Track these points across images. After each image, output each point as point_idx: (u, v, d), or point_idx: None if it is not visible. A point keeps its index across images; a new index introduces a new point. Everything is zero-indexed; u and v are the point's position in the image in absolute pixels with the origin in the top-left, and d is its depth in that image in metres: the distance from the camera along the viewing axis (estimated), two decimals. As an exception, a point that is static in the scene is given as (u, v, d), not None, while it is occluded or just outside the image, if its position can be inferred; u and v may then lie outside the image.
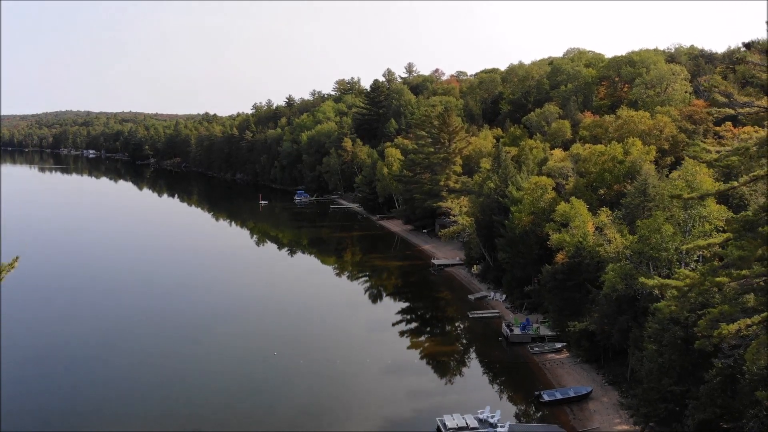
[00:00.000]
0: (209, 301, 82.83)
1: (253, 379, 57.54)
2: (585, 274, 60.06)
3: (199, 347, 65.68)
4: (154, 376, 59.58)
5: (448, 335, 71.59)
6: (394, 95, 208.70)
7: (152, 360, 63.25)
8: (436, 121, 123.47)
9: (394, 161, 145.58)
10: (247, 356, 62.71)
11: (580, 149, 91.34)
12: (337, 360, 61.84)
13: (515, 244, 76.69)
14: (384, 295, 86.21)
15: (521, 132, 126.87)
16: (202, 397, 54.35)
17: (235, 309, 79.36)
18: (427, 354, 65.03)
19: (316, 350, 64.70)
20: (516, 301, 76.28)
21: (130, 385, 57.52)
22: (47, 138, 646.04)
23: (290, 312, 77.41)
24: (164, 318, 76.88)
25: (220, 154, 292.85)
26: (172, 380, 58.46)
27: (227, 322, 73.69)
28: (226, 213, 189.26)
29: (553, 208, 74.93)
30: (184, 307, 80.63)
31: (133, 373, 60.17)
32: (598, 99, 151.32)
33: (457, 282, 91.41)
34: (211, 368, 60.07)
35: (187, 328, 72.21)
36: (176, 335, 70.80)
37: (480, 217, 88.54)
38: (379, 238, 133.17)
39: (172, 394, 55.58)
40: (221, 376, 58.19)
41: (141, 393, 55.95)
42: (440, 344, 68.51)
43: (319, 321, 74.68)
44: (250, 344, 66.09)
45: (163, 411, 52.27)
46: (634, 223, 52.26)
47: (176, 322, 75.02)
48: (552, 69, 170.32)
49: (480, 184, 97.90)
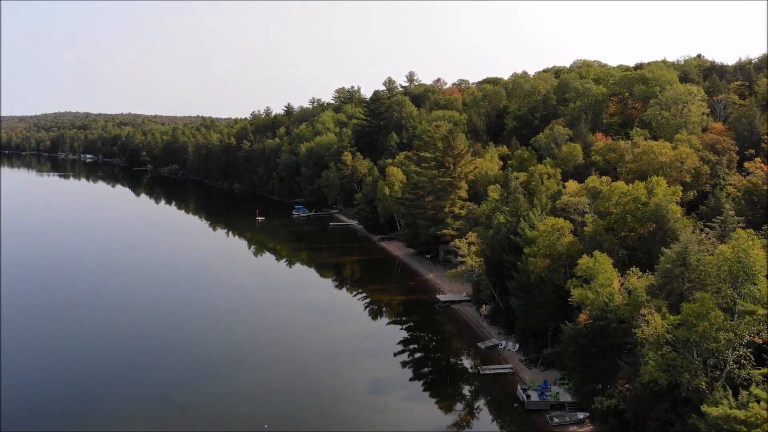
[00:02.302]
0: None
1: None
2: (611, 340, 54.30)
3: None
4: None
5: (458, 397, 65.36)
6: (395, 107, 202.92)
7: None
8: (440, 144, 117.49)
9: (396, 181, 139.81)
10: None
11: (597, 182, 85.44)
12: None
13: (529, 290, 70.91)
14: (385, 343, 79.41)
15: (530, 155, 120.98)
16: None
17: (219, 359, 73.52)
18: (435, 423, 59.05)
19: (312, 418, 58.96)
20: (531, 353, 70.39)
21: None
22: (45, 141, 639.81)
23: (281, 369, 71.13)
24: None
25: (218, 163, 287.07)
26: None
27: (214, 377, 67.95)
28: (222, 229, 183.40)
29: (571, 252, 69.39)
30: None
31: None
32: (608, 116, 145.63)
33: (464, 324, 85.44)
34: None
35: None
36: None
37: (489, 255, 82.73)
38: (379, 263, 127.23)
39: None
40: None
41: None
42: (449, 409, 62.29)
43: (315, 377, 68.64)
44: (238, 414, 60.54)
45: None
46: (673, 295, 46.52)
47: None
48: (559, 84, 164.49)
49: (488, 215, 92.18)
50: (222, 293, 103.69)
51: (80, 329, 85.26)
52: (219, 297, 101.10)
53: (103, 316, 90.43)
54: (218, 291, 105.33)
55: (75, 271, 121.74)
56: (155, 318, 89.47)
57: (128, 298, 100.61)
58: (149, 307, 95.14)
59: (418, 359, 75.50)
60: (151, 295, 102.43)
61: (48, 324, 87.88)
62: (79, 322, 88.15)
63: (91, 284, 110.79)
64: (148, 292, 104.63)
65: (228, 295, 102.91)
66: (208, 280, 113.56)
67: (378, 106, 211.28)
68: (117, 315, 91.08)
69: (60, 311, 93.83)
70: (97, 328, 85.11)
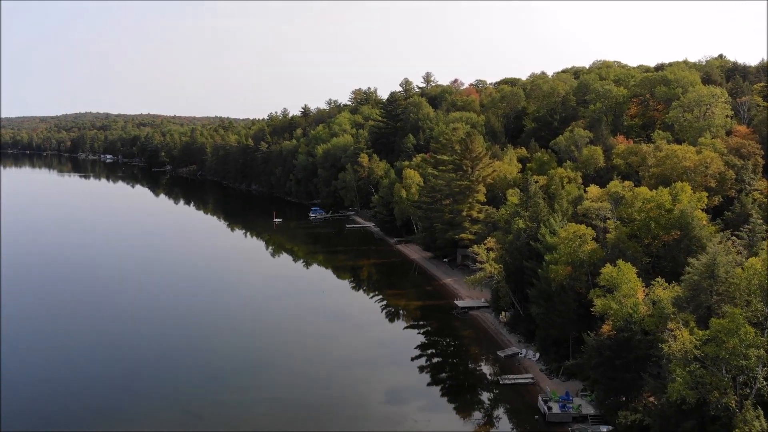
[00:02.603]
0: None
1: None
2: (636, 352, 53.00)
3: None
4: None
5: (477, 408, 64.24)
6: (412, 108, 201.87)
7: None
8: (458, 146, 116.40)
9: (413, 184, 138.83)
10: None
11: (619, 188, 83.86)
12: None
13: (550, 298, 69.70)
14: (402, 350, 78.32)
15: (549, 157, 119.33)
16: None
17: (237, 368, 73.21)
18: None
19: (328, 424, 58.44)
20: (552, 363, 69.15)
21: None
22: (65, 142, 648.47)
23: (298, 379, 70.39)
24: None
25: (236, 164, 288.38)
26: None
27: (230, 385, 67.68)
28: (240, 231, 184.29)
29: (594, 260, 68.08)
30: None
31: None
32: (629, 117, 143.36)
33: (483, 331, 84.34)
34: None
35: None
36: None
37: (509, 261, 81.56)
38: (396, 267, 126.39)
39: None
40: None
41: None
42: (467, 420, 61.27)
43: (332, 387, 67.95)
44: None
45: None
46: (700, 308, 45.19)
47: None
48: (579, 85, 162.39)
49: (507, 220, 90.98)
50: (239, 299, 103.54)
51: (94, 331, 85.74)
52: (236, 302, 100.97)
53: (119, 319, 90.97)
54: (235, 296, 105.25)
55: (92, 272, 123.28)
56: (171, 323, 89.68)
57: (145, 301, 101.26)
58: (166, 310, 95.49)
59: (435, 368, 74.55)
60: (167, 298, 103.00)
61: (63, 325, 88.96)
62: (94, 325, 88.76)
63: (108, 286, 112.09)
64: (165, 295, 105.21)
65: (245, 300, 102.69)
66: (225, 285, 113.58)
67: (394, 108, 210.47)
68: (133, 318, 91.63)
69: (75, 312, 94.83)
70: (112, 332, 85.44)
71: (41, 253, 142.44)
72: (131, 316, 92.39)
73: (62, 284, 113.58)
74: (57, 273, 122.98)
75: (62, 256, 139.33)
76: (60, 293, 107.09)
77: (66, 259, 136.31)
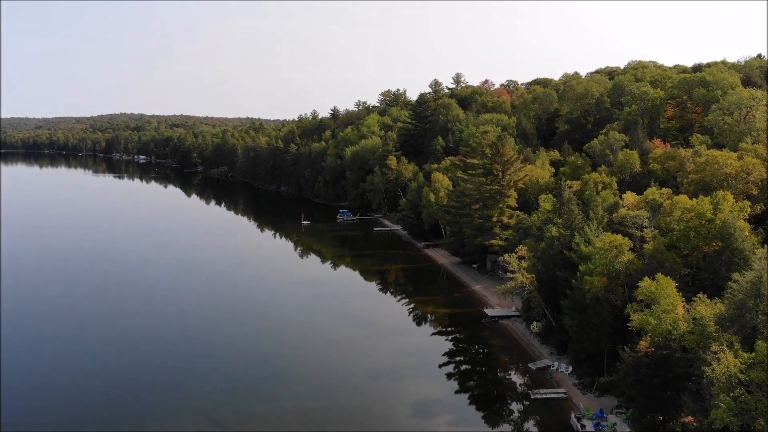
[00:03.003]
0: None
1: None
2: (675, 370, 50.64)
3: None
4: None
5: (506, 424, 62.29)
6: (441, 110, 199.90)
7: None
8: (488, 150, 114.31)
9: (441, 188, 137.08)
10: None
11: (657, 195, 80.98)
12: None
13: (584, 310, 67.42)
14: (430, 360, 76.54)
15: (583, 161, 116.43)
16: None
17: (259, 374, 72.68)
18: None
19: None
20: (585, 377, 66.88)
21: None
22: (100, 142, 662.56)
23: (323, 390, 69.38)
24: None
25: (266, 166, 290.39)
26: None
27: (254, 395, 67.15)
28: (268, 231, 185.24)
29: (630, 271, 65.63)
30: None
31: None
32: (665, 120, 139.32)
33: (513, 341, 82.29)
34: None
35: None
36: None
37: (541, 270, 79.39)
38: (424, 272, 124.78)
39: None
40: None
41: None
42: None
43: (357, 398, 66.95)
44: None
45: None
46: (745, 328, 42.77)
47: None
48: (614, 86, 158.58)
49: (540, 227, 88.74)
50: (265, 303, 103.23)
51: (116, 333, 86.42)
52: (262, 307, 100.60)
53: (142, 321, 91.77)
54: (261, 300, 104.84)
55: (121, 271, 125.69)
56: (194, 326, 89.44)
57: (170, 303, 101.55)
58: (188, 314, 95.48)
59: (463, 379, 72.84)
60: (191, 301, 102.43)
61: (85, 324, 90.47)
62: (116, 326, 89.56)
63: (135, 285, 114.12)
64: (191, 298, 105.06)
65: (271, 304, 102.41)
66: (251, 288, 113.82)
67: (423, 110, 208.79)
68: (157, 320, 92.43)
69: (99, 311, 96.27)
70: (134, 334, 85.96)
71: (70, 249, 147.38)
72: (155, 318, 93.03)
73: (91, 282, 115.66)
74: (88, 270, 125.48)
75: (94, 254, 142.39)
76: (88, 291, 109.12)
77: (97, 257, 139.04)
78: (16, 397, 65.07)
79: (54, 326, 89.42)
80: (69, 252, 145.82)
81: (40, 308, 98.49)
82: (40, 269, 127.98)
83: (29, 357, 77.14)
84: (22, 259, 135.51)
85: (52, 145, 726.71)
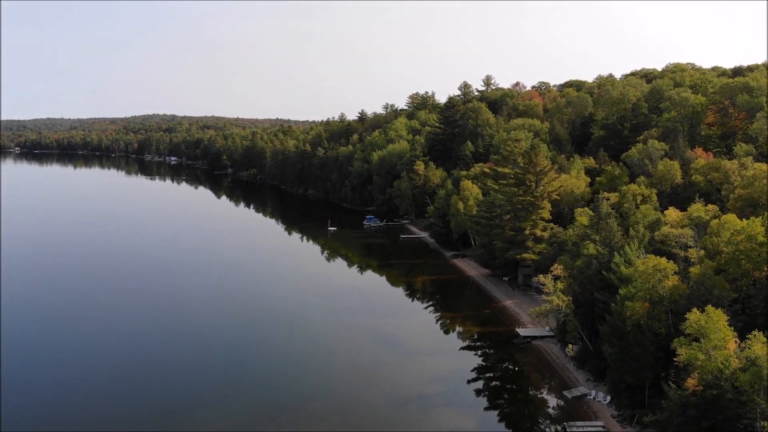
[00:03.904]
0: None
1: None
2: (725, 413, 46.49)
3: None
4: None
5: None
6: (471, 114, 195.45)
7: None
8: (520, 160, 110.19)
9: (471, 196, 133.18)
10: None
11: (702, 212, 76.29)
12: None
13: (624, 336, 63.32)
14: (459, 386, 72.49)
15: (621, 171, 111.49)
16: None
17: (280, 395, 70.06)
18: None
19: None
20: (625, 409, 62.70)
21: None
22: (132, 144, 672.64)
23: (349, 420, 65.85)
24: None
25: (293, 169, 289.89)
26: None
27: (276, 423, 64.59)
28: (296, 235, 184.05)
29: (675, 297, 61.34)
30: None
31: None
32: (705, 126, 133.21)
33: (547, 364, 78.27)
34: None
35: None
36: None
37: (578, 291, 75.32)
38: (452, 284, 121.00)
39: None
40: None
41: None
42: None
43: (377, 424, 63.78)
44: None
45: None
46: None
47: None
48: (652, 91, 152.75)
49: (576, 243, 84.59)
50: (289, 318, 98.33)
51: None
52: (285, 325, 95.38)
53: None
54: (285, 315, 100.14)
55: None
56: (219, 341, 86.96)
57: (178, 316, 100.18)
58: (211, 326, 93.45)
59: (495, 406, 69.01)
60: (214, 315, 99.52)
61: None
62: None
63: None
64: (212, 307, 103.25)
65: (295, 321, 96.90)
66: (277, 298, 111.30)
67: (452, 113, 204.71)
68: (171, 329, 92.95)
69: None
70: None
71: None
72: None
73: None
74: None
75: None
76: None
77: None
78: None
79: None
80: (102, 251, 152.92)
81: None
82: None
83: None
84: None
85: (86, 146, 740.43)
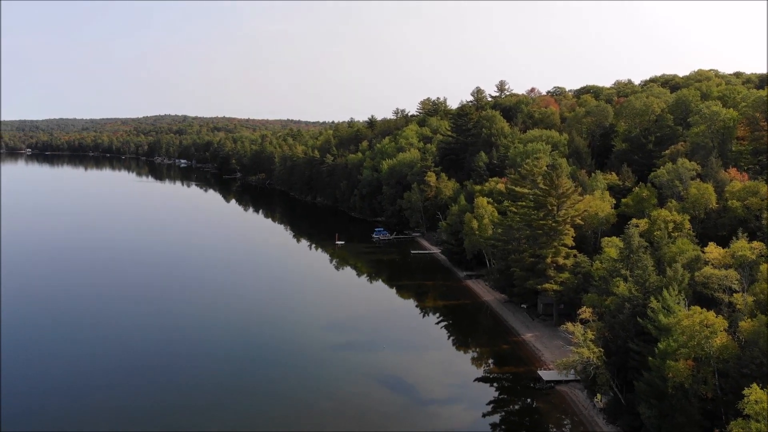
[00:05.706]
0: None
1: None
2: None
3: None
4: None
5: None
6: (485, 122, 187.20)
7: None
8: (540, 181, 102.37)
9: (485, 214, 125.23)
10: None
11: (747, 250, 68.24)
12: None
13: (663, 397, 55.67)
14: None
15: (648, 193, 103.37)
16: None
17: None
18: None
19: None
20: (665, 483, 55.14)
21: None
22: (143, 146, 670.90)
23: None
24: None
25: (301, 176, 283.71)
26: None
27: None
28: (303, 247, 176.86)
29: (724, 356, 53.57)
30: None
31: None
32: (736, 141, 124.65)
33: (573, 416, 70.28)
34: None
35: None
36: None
37: (609, 337, 67.60)
38: (465, 311, 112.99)
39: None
40: None
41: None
42: None
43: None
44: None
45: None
46: None
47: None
48: (677, 102, 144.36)
49: (605, 278, 76.83)
50: (287, 357, 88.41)
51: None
52: (283, 367, 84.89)
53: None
54: (284, 349, 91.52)
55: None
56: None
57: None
58: (212, 335, 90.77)
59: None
60: (204, 345, 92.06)
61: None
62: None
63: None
64: (204, 332, 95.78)
65: (294, 362, 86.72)
66: (277, 328, 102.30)
67: (465, 122, 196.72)
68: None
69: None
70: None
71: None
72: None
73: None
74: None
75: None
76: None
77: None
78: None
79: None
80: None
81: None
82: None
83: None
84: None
85: (96, 147, 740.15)
